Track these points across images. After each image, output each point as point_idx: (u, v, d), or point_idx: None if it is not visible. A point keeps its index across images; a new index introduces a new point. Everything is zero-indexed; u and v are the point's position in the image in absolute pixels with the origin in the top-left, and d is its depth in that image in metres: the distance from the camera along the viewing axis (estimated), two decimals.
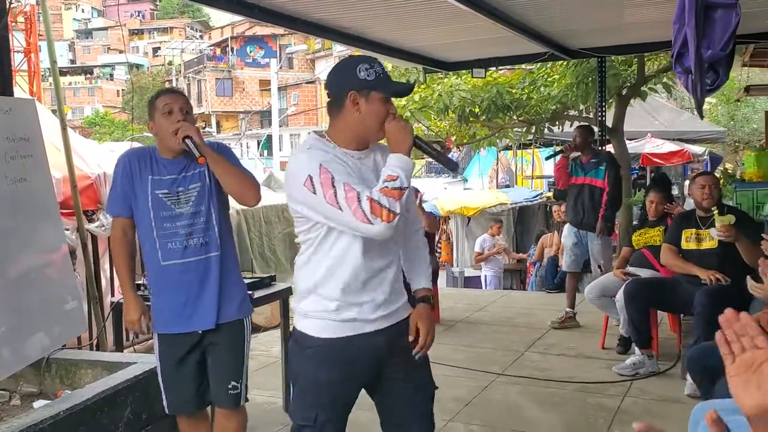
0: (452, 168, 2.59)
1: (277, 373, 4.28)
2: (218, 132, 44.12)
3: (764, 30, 3.83)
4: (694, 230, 4.55)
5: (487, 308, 7.07)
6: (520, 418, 4.01)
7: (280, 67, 35.96)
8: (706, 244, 4.46)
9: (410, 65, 7.88)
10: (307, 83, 40.74)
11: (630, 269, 5.15)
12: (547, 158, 5.92)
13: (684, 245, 4.56)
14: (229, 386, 2.65)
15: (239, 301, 2.77)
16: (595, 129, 8.18)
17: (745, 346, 1.17)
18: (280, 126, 30.55)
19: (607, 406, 4.14)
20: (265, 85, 39.45)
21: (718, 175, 8.16)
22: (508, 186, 17.87)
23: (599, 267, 5.91)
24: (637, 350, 4.75)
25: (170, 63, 49.58)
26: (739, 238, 4.10)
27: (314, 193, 2.01)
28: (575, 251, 6.04)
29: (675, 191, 13.39)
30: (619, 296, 4.78)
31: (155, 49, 58.50)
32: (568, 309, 6.09)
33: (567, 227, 6.22)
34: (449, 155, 5.79)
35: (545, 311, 6.69)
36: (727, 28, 2.81)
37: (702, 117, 4.37)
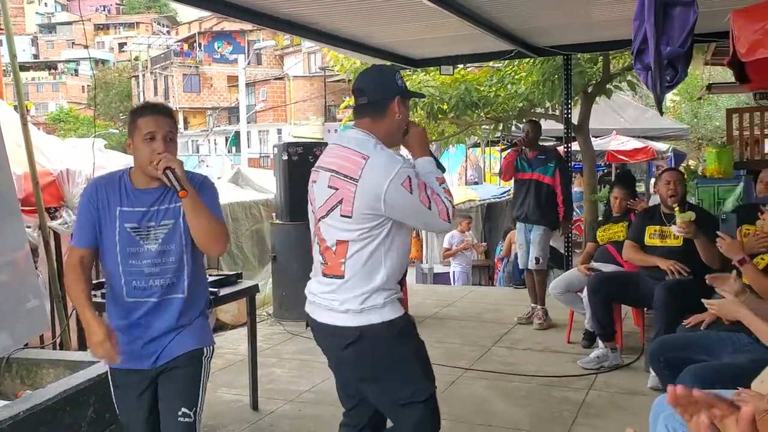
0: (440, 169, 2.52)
1: (244, 370, 4.26)
2: (186, 128, 43.64)
3: (724, 29, 3.92)
4: (658, 227, 4.63)
5: (456, 304, 7.11)
6: (487, 412, 4.04)
7: (248, 63, 35.66)
8: (670, 242, 4.55)
9: (379, 62, 7.87)
10: (275, 79, 40.48)
11: (594, 264, 5.23)
12: (502, 151, 5.94)
13: (648, 242, 4.64)
14: (179, 413, 2.40)
15: (198, 332, 2.52)
16: (561, 126, 8.29)
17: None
18: (248, 122, 30.34)
19: (572, 400, 4.20)
20: (233, 81, 39.12)
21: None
22: (476, 183, 18.01)
23: (536, 259, 5.96)
24: (601, 344, 4.82)
25: (136, 58, 48.85)
26: (697, 236, 4.19)
27: (411, 193, 2.24)
28: (523, 250, 6.08)
29: (642, 188, 13.62)
30: (587, 290, 4.85)
31: (121, 45, 57.62)
32: (532, 305, 6.14)
33: (518, 225, 6.23)
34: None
35: (512, 306, 6.75)
36: (685, 26, 2.86)
37: (662, 113, 4.43)
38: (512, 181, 6.35)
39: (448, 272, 11.48)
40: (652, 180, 13.48)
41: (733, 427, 1.11)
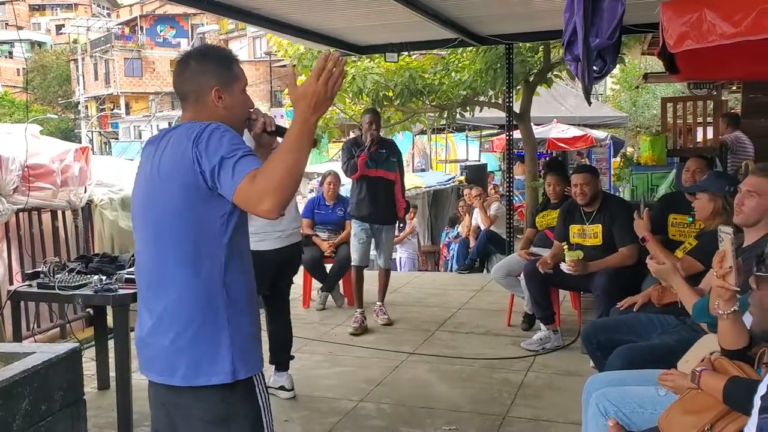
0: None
1: None
2: (128, 113, 42.61)
3: (656, 21, 4.07)
4: (579, 226, 4.80)
5: (401, 290, 7.18)
6: (429, 395, 4.12)
7: (192, 47, 34.89)
8: (590, 241, 4.75)
9: (323, 48, 7.85)
10: None
11: (533, 249, 5.37)
12: (360, 149, 5.03)
13: (572, 241, 4.81)
14: None
15: None
16: (504, 114, 8.43)
17: None
18: None
19: (511, 381, 4.32)
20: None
21: (618, 159, 8.54)
22: (423, 170, 18.16)
23: (387, 259, 5.73)
24: (542, 326, 4.96)
25: (75, 41, 47.28)
26: (587, 268, 4.52)
27: None
28: (365, 247, 5.66)
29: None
30: (523, 276, 4.98)
31: (59, 27, 55.64)
32: (359, 311, 5.61)
33: (356, 224, 5.62)
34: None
35: (457, 291, 6.87)
36: (613, 18, 2.97)
37: (590, 103, 4.51)
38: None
39: (395, 258, 11.55)
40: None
41: None
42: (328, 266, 6.35)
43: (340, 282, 6.39)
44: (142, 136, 36.85)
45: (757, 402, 1.66)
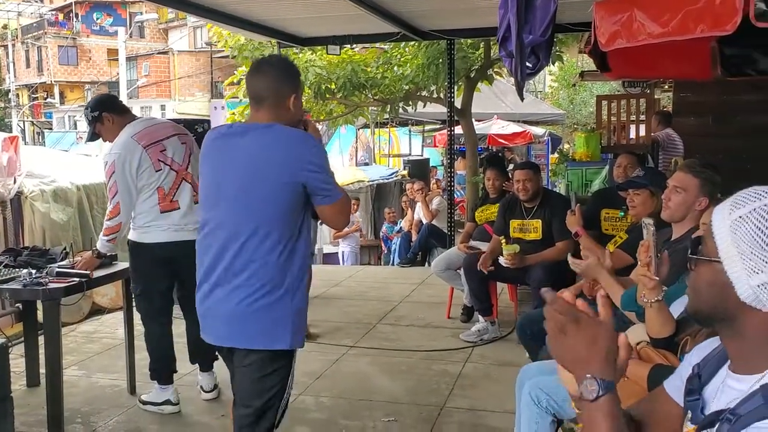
0: None
1: (122, 355, 4.13)
2: (62, 103, 41.19)
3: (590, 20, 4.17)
4: (519, 221, 4.89)
5: (343, 283, 7.19)
6: (368, 388, 4.15)
7: (130, 36, 34.07)
8: (531, 236, 4.85)
9: (264, 39, 7.79)
10: (159, 53, 38.86)
11: (473, 243, 5.45)
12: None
13: (512, 235, 4.91)
14: None
15: None
16: (445, 110, 8.50)
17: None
18: (129, 98, 29.04)
19: (449, 372, 4.38)
20: (113, 54, 37.15)
21: (556, 155, 8.73)
22: (367, 164, 18.18)
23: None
24: (481, 318, 5.04)
25: (5, 27, 45.42)
26: (525, 262, 4.62)
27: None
28: None
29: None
30: (462, 270, 5.05)
31: None
32: None
33: None
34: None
35: (398, 285, 6.91)
36: (546, 15, 3.03)
37: (522, 99, 4.54)
38: None
39: (337, 252, 11.55)
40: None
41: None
42: None
43: None
44: (78, 126, 35.69)
45: (681, 384, 1.73)
